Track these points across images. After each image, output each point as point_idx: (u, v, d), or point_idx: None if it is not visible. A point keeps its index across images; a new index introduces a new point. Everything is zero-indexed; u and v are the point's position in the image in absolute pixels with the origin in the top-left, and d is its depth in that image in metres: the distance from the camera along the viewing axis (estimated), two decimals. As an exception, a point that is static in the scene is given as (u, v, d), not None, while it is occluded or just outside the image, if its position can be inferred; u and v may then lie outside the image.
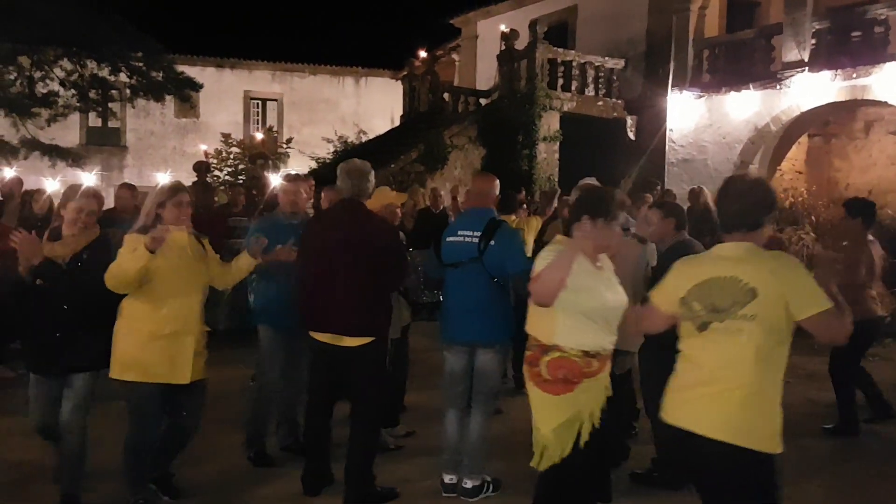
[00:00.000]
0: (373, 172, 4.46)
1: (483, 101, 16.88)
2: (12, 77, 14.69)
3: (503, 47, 15.82)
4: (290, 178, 5.32)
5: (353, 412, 4.38)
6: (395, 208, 5.25)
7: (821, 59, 12.82)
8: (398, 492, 4.49)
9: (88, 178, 11.46)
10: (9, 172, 9.54)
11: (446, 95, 17.54)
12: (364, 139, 20.23)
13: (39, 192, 8.03)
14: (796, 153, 15.91)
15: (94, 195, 4.15)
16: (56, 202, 4.94)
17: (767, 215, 2.74)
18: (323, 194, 5.93)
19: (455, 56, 22.84)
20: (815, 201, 13.23)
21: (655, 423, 4.68)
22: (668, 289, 2.87)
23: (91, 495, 4.23)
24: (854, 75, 12.44)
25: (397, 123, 19.33)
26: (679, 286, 2.79)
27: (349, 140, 20.55)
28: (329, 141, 20.53)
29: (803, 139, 15.78)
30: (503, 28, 16.76)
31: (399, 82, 20.10)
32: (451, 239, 4.53)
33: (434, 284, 4.93)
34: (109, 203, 7.87)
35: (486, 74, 19.04)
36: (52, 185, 11.07)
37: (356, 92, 26.70)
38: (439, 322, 4.69)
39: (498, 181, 4.72)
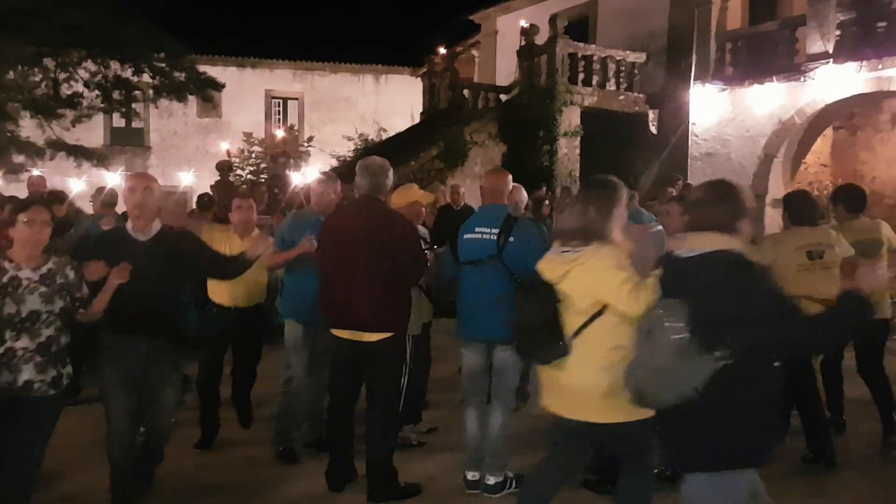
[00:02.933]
0: (391, 170, 4.47)
1: (503, 97, 16.79)
2: (37, 79, 14.91)
3: (523, 42, 15.74)
4: (319, 179, 5.38)
5: (372, 407, 4.40)
6: (421, 207, 5.28)
7: (845, 50, 12.61)
8: (421, 487, 4.51)
9: (113, 178, 11.59)
10: (34, 173, 9.69)
11: (466, 92, 17.51)
12: (384, 137, 20.26)
13: (62, 194, 7.97)
14: (821, 146, 15.70)
15: None
16: (78, 205, 4.81)
17: None
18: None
19: (475, 52, 22.78)
20: (840, 194, 13.02)
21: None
22: None
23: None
24: (879, 66, 12.22)
25: (417, 121, 19.33)
26: None
27: (370, 138, 20.61)
28: (349, 139, 20.60)
29: (828, 132, 15.57)
30: (523, 23, 16.70)
31: (419, 80, 20.08)
32: (468, 236, 4.51)
33: (446, 283, 4.87)
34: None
35: (505, 70, 18.94)
36: (77, 184, 11.22)
37: (376, 90, 26.72)
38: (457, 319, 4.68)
39: (510, 176, 4.70)
